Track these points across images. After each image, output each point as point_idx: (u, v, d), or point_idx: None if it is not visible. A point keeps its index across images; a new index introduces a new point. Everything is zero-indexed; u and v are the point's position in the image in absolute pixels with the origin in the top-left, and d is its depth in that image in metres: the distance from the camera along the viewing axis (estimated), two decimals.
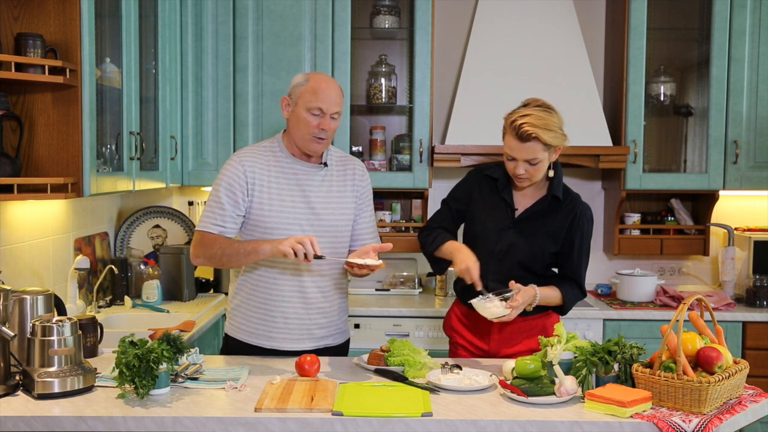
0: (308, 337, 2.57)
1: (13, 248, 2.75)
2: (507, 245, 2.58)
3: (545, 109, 2.50)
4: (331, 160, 2.60)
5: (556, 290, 2.57)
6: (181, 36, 3.71)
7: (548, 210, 2.58)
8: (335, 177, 2.58)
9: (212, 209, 2.49)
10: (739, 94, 3.82)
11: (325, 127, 2.44)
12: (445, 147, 3.76)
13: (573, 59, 3.87)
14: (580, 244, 2.59)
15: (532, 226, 2.58)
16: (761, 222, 4.15)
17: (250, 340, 2.59)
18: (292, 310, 2.54)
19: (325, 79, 2.51)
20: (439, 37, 4.12)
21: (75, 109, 2.61)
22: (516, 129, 2.44)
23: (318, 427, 1.94)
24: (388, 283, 4.09)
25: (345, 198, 2.58)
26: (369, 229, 2.67)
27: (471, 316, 2.65)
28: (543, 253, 2.57)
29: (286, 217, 2.49)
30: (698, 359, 2.05)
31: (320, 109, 2.43)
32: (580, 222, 2.58)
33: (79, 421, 1.93)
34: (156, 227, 3.86)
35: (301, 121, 2.45)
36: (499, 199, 2.61)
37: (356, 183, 2.62)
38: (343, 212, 2.57)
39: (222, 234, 2.47)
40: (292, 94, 2.50)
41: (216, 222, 2.47)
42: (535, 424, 1.93)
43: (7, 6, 2.58)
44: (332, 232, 2.55)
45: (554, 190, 2.57)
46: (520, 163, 2.48)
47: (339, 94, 2.49)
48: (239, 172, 2.48)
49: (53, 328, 2.11)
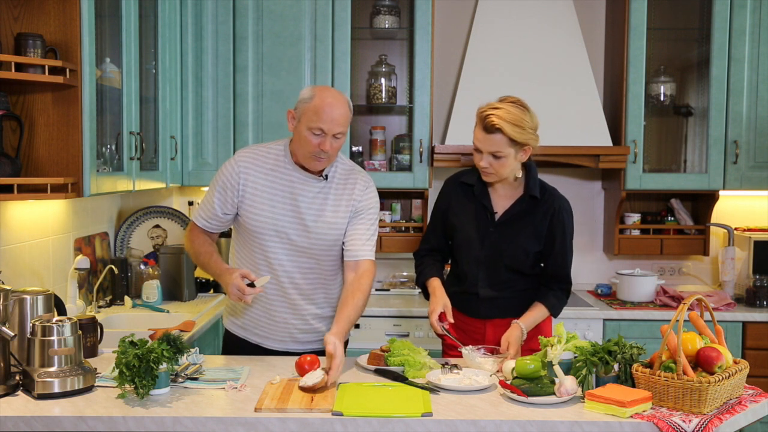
0: (291, 340, 2.61)
1: (13, 248, 2.74)
2: (491, 250, 2.59)
3: (518, 106, 2.49)
4: (334, 174, 2.53)
5: (539, 307, 2.59)
6: (181, 36, 3.71)
7: (527, 210, 2.58)
8: (332, 191, 2.52)
9: (204, 204, 2.59)
10: (739, 94, 3.82)
11: (326, 148, 2.38)
12: (445, 147, 3.76)
13: (573, 59, 3.87)
14: (563, 238, 2.59)
15: (513, 228, 2.58)
16: (761, 222, 4.15)
17: (240, 333, 2.65)
18: (277, 312, 2.57)
19: (331, 96, 2.40)
20: (439, 37, 4.12)
21: (75, 109, 2.61)
22: (483, 119, 2.46)
23: (318, 427, 1.94)
24: (388, 283, 4.09)
25: (338, 213, 2.51)
26: (357, 238, 2.51)
27: (464, 320, 2.66)
28: (528, 253, 2.58)
29: (273, 224, 2.47)
30: (698, 359, 2.05)
31: (321, 129, 2.36)
32: (560, 216, 2.58)
33: (79, 421, 1.93)
34: (156, 227, 3.86)
35: (303, 139, 2.40)
36: (477, 204, 2.60)
37: (353, 199, 2.53)
38: (331, 227, 2.50)
39: (206, 229, 2.59)
40: (297, 108, 2.43)
41: (203, 215, 2.58)
42: (535, 424, 1.93)
43: (7, 6, 2.58)
44: (318, 245, 2.51)
45: (531, 190, 2.57)
46: (485, 155, 2.48)
47: (344, 113, 2.39)
48: (234, 173, 2.49)
49: (53, 328, 2.11)
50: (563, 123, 3.77)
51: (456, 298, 2.64)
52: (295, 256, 2.51)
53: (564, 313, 3.59)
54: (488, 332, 2.63)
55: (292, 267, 2.51)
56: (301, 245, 2.49)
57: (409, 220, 4.12)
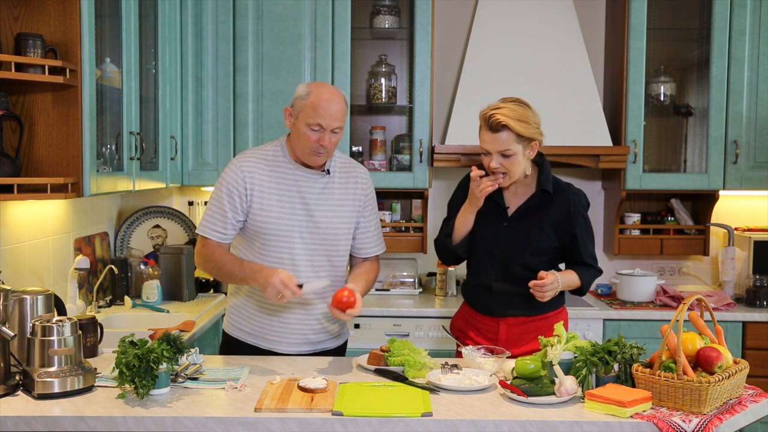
0: (304, 342, 2.58)
1: (13, 248, 2.75)
2: (505, 245, 2.58)
3: (520, 104, 2.51)
4: (334, 168, 2.56)
5: (572, 273, 2.59)
6: (181, 36, 3.71)
7: (541, 205, 2.59)
8: (337, 185, 2.55)
9: (213, 214, 2.50)
10: (739, 94, 3.82)
11: (324, 143, 2.40)
12: (445, 147, 3.76)
13: (573, 59, 3.87)
14: (584, 229, 2.60)
15: (527, 223, 2.58)
16: (761, 222, 4.15)
17: (247, 340, 2.60)
18: (292, 315, 2.54)
19: (327, 91, 2.43)
20: (439, 37, 4.12)
21: (75, 109, 2.61)
22: (487, 120, 2.47)
23: (318, 427, 1.94)
24: (388, 283, 4.09)
25: (345, 207, 2.55)
26: (371, 236, 2.65)
27: (478, 318, 2.66)
28: (542, 248, 2.58)
29: (285, 224, 2.47)
30: (698, 359, 2.05)
31: (319, 125, 2.37)
32: (577, 210, 2.59)
33: (79, 421, 1.93)
34: (156, 227, 3.86)
35: (301, 135, 2.41)
36: (491, 200, 2.60)
37: (358, 191, 2.58)
38: (342, 221, 2.54)
39: (221, 241, 2.50)
40: (294, 105, 2.45)
41: (217, 228, 2.49)
42: (535, 424, 1.93)
43: (7, 6, 2.58)
44: (330, 240, 2.53)
45: (543, 185, 2.57)
46: (494, 155, 2.48)
47: (341, 108, 2.42)
48: (239, 178, 2.46)
49: (53, 328, 2.11)
50: (563, 123, 3.77)
51: (471, 294, 2.66)
52: (307, 253, 2.50)
53: None
54: (501, 331, 2.62)
55: (306, 265, 2.50)
56: (313, 242, 2.49)
57: (409, 220, 4.12)
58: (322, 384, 2.13)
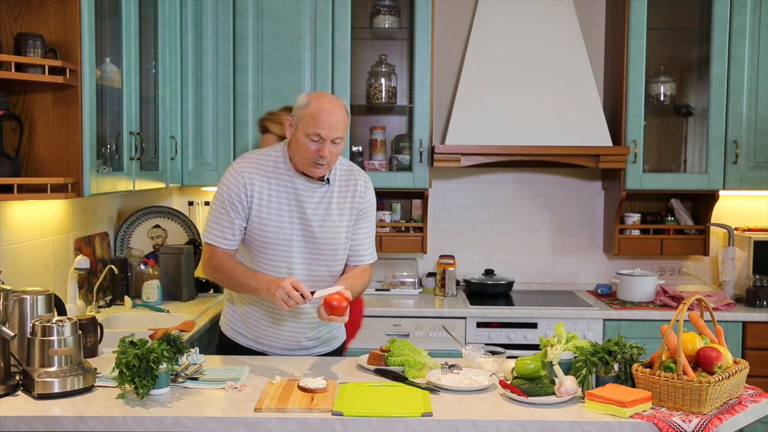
0: (298, 347, 2.59)
1: (13, 248, 2.75)
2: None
3: None
4: (334, 176, 2.51)
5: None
6: (181, 36, 3.71)
7: None
8: (336, 194, 2.50)
9: (218, 221, 2.46)
10: (739, 94, 3.82)
11: (324, 154, 2.34)
12: (445, 147, 3.75)
13: (573, 59, 3.87)
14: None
15: None
16: (761, 222, 4.15)
17: (239, 341, 2.62)
18: (284, 322, 2.54)
19: (327, 101, 2.37)
20: (439, 37, 4.12)
21: (75, 109, 2.61)
22: None
23: (318, 427, 1.94)
24: (388, 283, 4.09)
25: (343, 217, 2.50)
26: (364, 245, 2.57)
27: None
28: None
29: (282, 233, 2.44)
30: (698, 359, 2.05)
31: (319, 135, 2.32)
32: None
33: (79, 421, 1.93)
34: (156, 227, 3.86)
35: (301, 146, 2.37)
36: None
37: (356, 201, 2.53)
38: (338, 231, 2.50)
39: (228, 248, 2.47)
40: (294, 116, 2.40)
41: (224, 235, 2.45)
42: (535, 424, 1.93)
43: (7, 6, 2.58)
44: (328, 250, 2.49)
45: None
46: None
47: (341, 118, 2.37)
48: (239, 184, 2.42)
49: (53, 328, 2.11)
50: (563, 123, 3.77)
51: None
52: (305, 262, 2.48)
53: (564, 313, 3.62)
54: None
55: (303, 274, 2.47)
56: (310, 251, 2.47)
57: (409, 220, 4.12)
58: (322, 384, 2.13)
